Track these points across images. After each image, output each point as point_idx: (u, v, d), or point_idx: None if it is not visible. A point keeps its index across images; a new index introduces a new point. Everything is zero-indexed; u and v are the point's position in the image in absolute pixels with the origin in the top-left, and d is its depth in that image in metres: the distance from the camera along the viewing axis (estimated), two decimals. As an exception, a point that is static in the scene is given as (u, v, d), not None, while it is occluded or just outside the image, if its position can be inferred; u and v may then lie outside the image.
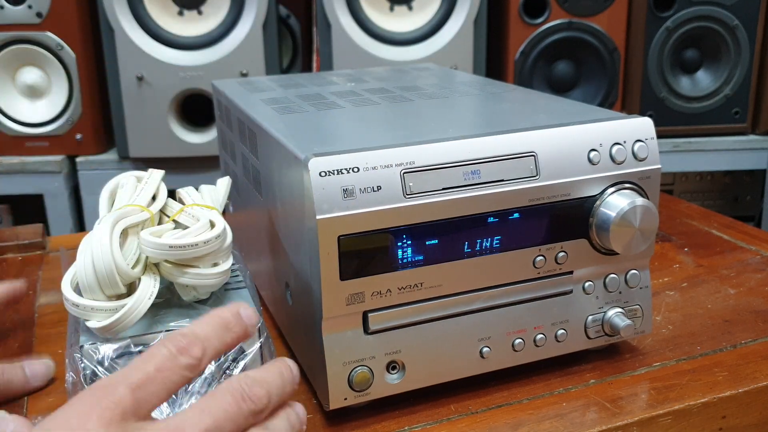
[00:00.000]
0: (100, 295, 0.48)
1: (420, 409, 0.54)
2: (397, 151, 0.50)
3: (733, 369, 0.58)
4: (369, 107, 0.64)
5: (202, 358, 0.41)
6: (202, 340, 0.42)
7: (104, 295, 0.48)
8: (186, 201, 0.57)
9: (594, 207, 0.55)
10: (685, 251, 0.82)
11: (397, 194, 0.49)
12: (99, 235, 0.49)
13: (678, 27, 1.50)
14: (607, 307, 0.58)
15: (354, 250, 0.49)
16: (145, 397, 0.39)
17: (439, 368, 0.54)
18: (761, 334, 0.63)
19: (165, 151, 1.37)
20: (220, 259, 0.53)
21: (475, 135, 0.52)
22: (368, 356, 0.52)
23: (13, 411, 0.55)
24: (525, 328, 0.56)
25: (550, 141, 0.53)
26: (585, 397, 0.55)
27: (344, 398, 0.52)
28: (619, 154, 0.55)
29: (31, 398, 0.57)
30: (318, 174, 0.47)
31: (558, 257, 0.55)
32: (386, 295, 0.51)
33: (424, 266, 0.51)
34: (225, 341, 0.43)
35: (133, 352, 0.48)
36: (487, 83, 0.74)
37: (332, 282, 0.49)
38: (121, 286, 0.49)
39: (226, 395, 0.41)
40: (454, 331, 0.54)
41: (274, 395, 0.42)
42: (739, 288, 0.73)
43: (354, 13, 1.28)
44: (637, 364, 0.60)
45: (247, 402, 0.41)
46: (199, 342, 0.41)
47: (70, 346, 0.50)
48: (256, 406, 0.41)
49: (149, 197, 0.56)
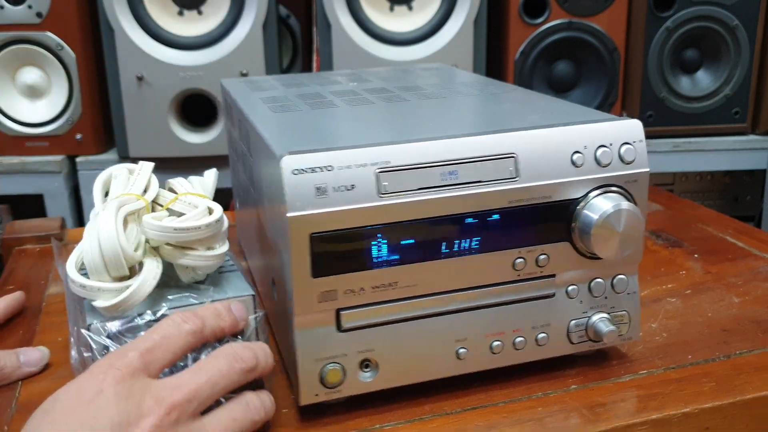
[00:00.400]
0: (106, 277, 0.50)
1: (395, 408, 0.54)
2: (373, 151, 0.50)
3: (721, 380, 0.57)
4: (363, 107, 0.65)
5: (203, 329, 0.48)
6: (201, 317, 0.49)
7: (110, 276, 0.51)
8: (179, 190, 0.59)
9: (577, 210, 0.54)
10: (695, 257, 0.80)
11: (370, 193, 0.49)
12: (105, 220, 0.51)
13: (678, 27, 1.49)
14: (592, 312, 0.57)
15: (326, 248, 0.49)
16: (152, 359, 0.45)
17: (414, 368, 0.54)
18: (758, 345, 0.62)
19: (165, 151, 1.38)
20: (217, 243, 0.54)
21: (454, 135, 0.52)
22: (341, 354, 0.52)
23: (5, 395, 0.58)
24: (504, 330, 0.55)
25: (531, 142, 0.53)
26: (563, 403, 0.54)
27: (315, 394, 0.52)
28: (604, 157, 0.54)
29: (25, 383, 0.59)
30: (291, 172, 0.48)
31: (539, 260, 0.54)
32: (359, 294, 0.51)
33: (398, 266, 0.51)
34: (219, 324, 0.50)
35: (140, 324, 0.50)
36: (488, 84, 0.74)
37: (304, 279, 0.49)
38: (125, 268, 0.51)
39: (219, 357, 0.48)
40: (430, 332, 0.54)
41: (261, 359, 0.49)
42: (744, 297, 0.71)
43: (354, 13, 1.28)
44: (623, 371, 0.59)
45: (239, 362, 0.48)
46: (199, 317, 0.48)
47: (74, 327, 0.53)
48: (247, 365, 0.48)
49: (142, 187, 0.57)
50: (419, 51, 1.32)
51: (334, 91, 0.72)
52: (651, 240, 0.85)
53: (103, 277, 0.50)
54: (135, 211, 0.54)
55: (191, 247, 0.52)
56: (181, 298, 0.51)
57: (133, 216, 0.53)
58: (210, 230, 0.51)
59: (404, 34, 1.32)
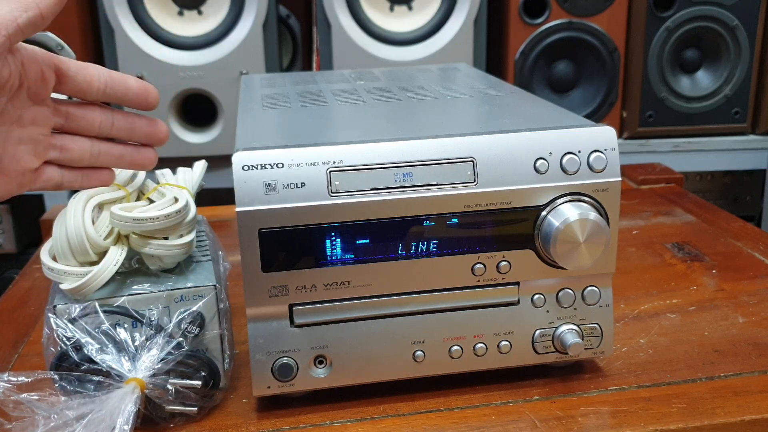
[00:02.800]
0: (72, 261, 0.53)
1: (350, 406, 0.55)
2: (325, 150, 0.50)
3: (693, 402, 0.54)
4: (351, 106, 0.65)
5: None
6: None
7: (76, 261, 0.53)
8: (160, 181, 0.61)
9: (541, 217, 0.53)
10: (712, 273, 0.76)
11: (321, 192, 0.50)
12: (73, 208, 0.54)
13: (678, 27, 1.46)
14: (560, 322, 0.56)
15: (275, 243, 0.50)
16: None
17: (369, 368, 0.54)
18: (747, 369, 0.58)
19: (165, 150, 1.37)
20: (181, 233, 0.56)
21: (411, 137, 0.52)
22: (293, 348, 0.53)
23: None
24: (463, 335, 0.55)
25: (491, 147, 0.52)
26: (519, 413, 0.53)
27: (267, 386, 0.53)
28: (570, 164, 0.52)
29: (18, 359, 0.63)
30: (241, 168, 0.49)
31: (500, 266, 0.53)
32: (311, 291, 0.52)
33: (351, 265, 0.52)
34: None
35: (98, 311, 0.52)
36: (490, 86, 0.73)
37: (254, 273, 0.51)
38: (91, 254, 0.53)
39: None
40: (386, 332, 0.54)
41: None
42: (751, 317, 0.67)
43: (354, 13, 1.27)
44: (593, 385, 0.57)
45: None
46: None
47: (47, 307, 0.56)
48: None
49: (127, 177, 0.60)
50: (419, 51, 1.31)
51: (333, 90, 0.72)
52: (671, 252, 0.81)
53: (70, 261, 0.53)
54: (113, 200, 0.56)
55: (154, 236, 0.54)
56: (140, 287, 0.53)
57: (110, 205, 0.56)
58: (170, 220, 0.53)
59: (404, 34, 1.31)
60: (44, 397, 0.50)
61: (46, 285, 0.76)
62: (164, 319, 0.53)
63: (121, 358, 0.51)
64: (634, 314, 0.68)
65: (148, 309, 0.53)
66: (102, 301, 0.53)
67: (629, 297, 0.71)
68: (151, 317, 0.52)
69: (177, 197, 0.55)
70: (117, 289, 0.53)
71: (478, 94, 0.69)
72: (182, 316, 0.53)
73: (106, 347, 0.51)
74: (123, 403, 0.49)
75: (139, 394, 0.50)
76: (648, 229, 0.89)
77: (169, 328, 0.52)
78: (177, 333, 0.52)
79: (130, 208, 0.55)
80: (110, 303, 0.53)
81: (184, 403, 0.52)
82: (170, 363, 0.51)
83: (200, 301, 0.53)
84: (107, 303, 0.53)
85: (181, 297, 0.53)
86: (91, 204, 0.54)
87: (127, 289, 0.53)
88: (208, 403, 0.54)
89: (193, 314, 0.53)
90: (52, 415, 0.49)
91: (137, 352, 0.51)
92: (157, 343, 0.51)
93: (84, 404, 0.49)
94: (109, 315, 0.52)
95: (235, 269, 0.58)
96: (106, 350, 0.51)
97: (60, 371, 0.51)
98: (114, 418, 0.48)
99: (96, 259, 0.54)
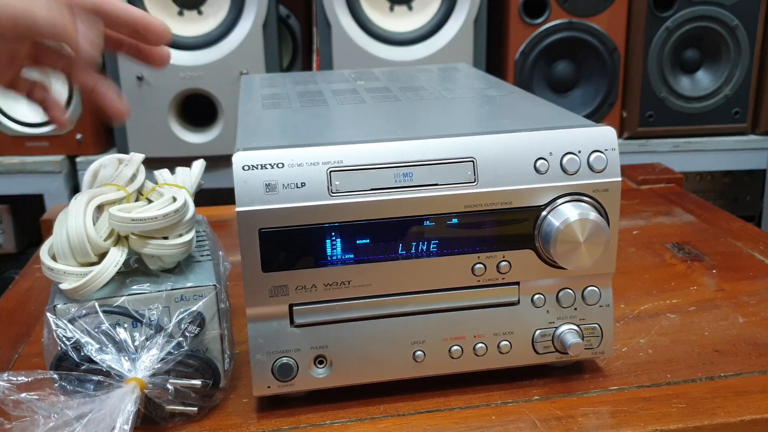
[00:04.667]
0: (72, 262, 0.53)
1: (350, 406, 0.55)
2: (326, 150, 0.50)
3: (694, 402, 0.54)
4: (351, 106, 0.65)
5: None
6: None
7: (76, 261, 0.53)
8: (159, 181, 0.61)
9: (541, 217, 0.53)
10: (712, 273, 0.76)
11: (321, 192, 0.50)
12: (74, 209, 0.54)
13: (678, 27, 1.46)
14: (560, 322, 0.56)
15: (275, 243, 0.50)
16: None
17: (369, 368, 0.54)
18: (747, 369, 0.58)
19: (165, 151, 1.40)
20: (180, 232, 0.56)
21: (411, 137, 0.52)
22: (293, 348, 0.53)
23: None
24: (463, 335, 0.55)
25: (492, 147, 0.52)
26: (519, 414, 0.53)
27: (267, 386, 0.53)
28: (570, 165, 0.52)
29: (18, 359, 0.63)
30: (241, 168, 0.49)
31: (500, 266, 0.53)
32: (311, 291, 0.52)
33: (351, 265, 0.52)
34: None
35: (98, 311, 0.52)
36: (490, 86, 0.73)
37: (254, 273, 0.51)
38: (91, 255, 0.53)
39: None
40: (386, 332, 0.54)
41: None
42: (751, 317, 0.67)
43: (354, 13, 1.27)
44: (594, 385, 0.57)
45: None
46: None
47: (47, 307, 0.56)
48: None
49: (128, 177, 0.60)
50: (419, 51, 1.31)
51: (334, 90, 0.72)
52: (671, 252, 0.81)
53: (70, 262, 0.53)
54: (113, 200, 0.56)
55: (153, 236, 0.54)
56: (140, 287, 0.53)
57: (110, 205, 0.56)
58: (169, 220, 0.53)
59: (404, 34, 1.31)
60: (44, 397, 0.50)
61: (46, 285, 0.76)
62: (164, 319, 0.53)
63: (121, 358, 0.51)
64: (634, 314, 0.68)
65: (148, 309, 0.53)
66: (102, 301, 0.53)
67: (629, 297, 0.71)
68: (151, 317, 0.52)
69: (175, 196, 0.55)
70: (117, 289, 0.53)
71: (478, 94, 0.69)
72: (182, 316, 0.53)
73: (105, 347, 0.51)
74: (123, 403, 0.49)
75: (139, 393, 0.50)
76: (648, 229, 0.89)
77: (169, 328, 0.52)
78: (177, 333, 0.52)
79: (129, 209, 0.55)
80: (110, 303, 0.53)
81: (184, 403, 0.52)
82: (170, 363, 0.51)
83: (200, 300, 0.53)
84: (107, 303, 0.53)
85: (181, 297, 0.53)
86: (93, 205, 0.54)
87: (126, 289, 0.53)
88: (208, 403, 0.54)
89: (193, 314, 0.53)
90: (52, 415, 0.49)
91: (137, 352, 0.51)
92: (157, 343, 0.51)
93: (84, 404, 0.49)
94: (108, 315, 0.52)
95: (235, 269, 0.58)
96: (105, 350, 0.51)
97: (60, 371, 0.51)
98: (114, 417, 0.48)
99: (96, 260, 0.54)
